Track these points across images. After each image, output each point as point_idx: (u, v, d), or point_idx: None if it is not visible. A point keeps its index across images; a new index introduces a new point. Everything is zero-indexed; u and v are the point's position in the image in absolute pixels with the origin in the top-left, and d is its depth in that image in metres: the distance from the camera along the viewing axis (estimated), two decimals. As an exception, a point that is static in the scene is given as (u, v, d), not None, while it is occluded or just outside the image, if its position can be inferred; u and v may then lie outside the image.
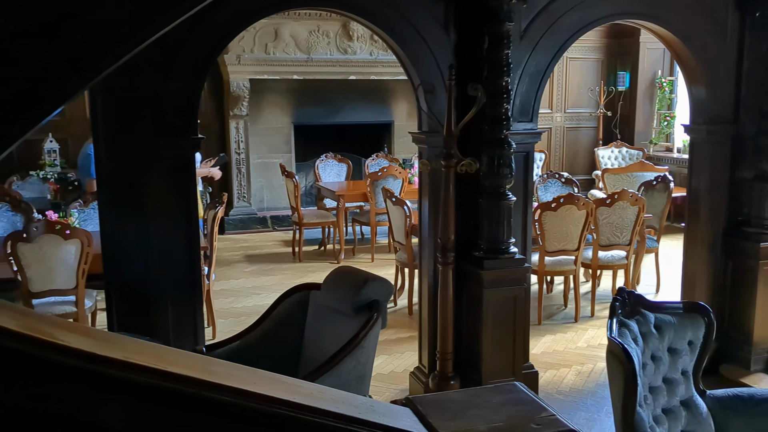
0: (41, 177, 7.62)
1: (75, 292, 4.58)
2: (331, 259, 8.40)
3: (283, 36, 9.77)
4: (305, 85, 10.28)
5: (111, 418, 1.21)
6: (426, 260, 4.44)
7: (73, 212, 5.39)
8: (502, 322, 4.18)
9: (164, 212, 3.50)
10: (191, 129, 3.52)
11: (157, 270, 3.50)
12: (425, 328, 4.51)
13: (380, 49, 10.29)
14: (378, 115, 11.08)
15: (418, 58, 4.05)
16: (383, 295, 3.38)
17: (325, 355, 3.23)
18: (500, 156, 4.00)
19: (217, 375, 1.31)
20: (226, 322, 6.11)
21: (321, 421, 1.33)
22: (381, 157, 9.77)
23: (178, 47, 3.32)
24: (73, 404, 1.17)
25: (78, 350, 1.16)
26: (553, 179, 7.72)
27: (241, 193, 10.13)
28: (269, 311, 3.73)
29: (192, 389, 1.23)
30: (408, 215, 6.37)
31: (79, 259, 4.49)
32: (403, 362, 5.37)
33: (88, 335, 1.31)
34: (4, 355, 1.10)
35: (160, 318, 3.51)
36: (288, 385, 1.50)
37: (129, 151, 3.43)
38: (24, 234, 4.35)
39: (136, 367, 1.20)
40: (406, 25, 3.96)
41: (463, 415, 1.53)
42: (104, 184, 3.52)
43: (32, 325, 1.20)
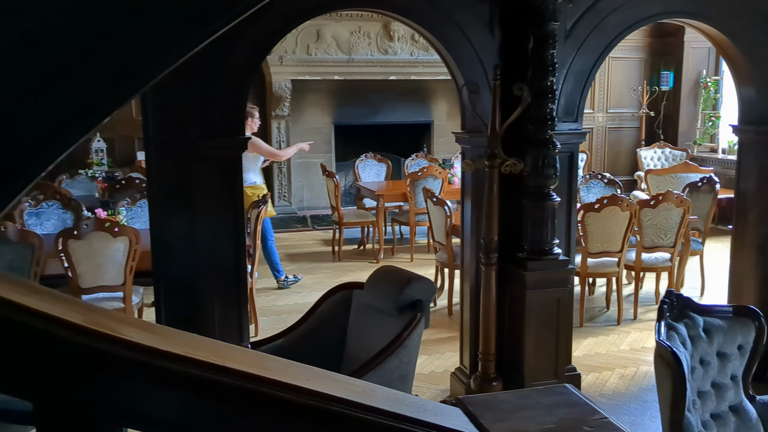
0: (89, 175, 7.80)
1: (123, 288, 4.68)
2: (371, 258, 8.42)
3: (325, 37, 9.84)
4: (346, 85, 10.33)
5: (170, 412, 1.23)
6: (468, 261, 4.43)
7: (121, 210, 5.51)
8: (545, 324, 4.16)
9: (211, 211, 3.55)
10: (238, 130, 3.57)
11: (204, 268, 3.55)
12: (467, 329, 4.50)
13: (421, 49, 10.30)
14: (418, 115, 11.08)
15: (463, 58, 4.05)
16: (426, 294, 3.39)
17: (368, 353, 3.25)
18: (545, 156, 3.97)
19: (272, 371, 1.33)
20: (267, 320, 6.17)
21: (373, 419, 1.34)
22: (420, 157, 9.77)
23: (225, 49, 3.37)
24: (134, 398, 1.20)
25: (140, 345, 1.19)
26: (595, 180, 7.63)
27: (281, 192, 10.23)
28: (313, 309, 3.76)
29: (249, 385, 1.24)
30: (448, 215, 6.36)
31: (127, 256, 4.58)
32: (444, 363, 5.37)
33: (149, 330, 1.34)
34: (71, 349, 1.13)
35: (207, 314, 3.56)
36: (340, 382, 1.52)
37: (178, 151, 3.49)
38: (74, 231, 4.46)
39: (195, 362, 1.22)
40: (451, 25, 3.96)
41: (514, 417, 1.53)
42: (154, 184, 3.59)
43: (96, 319, 1.23)
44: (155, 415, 1.22)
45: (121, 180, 7.11)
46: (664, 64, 11.80)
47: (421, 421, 1.40)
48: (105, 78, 1.40)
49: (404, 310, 3.36)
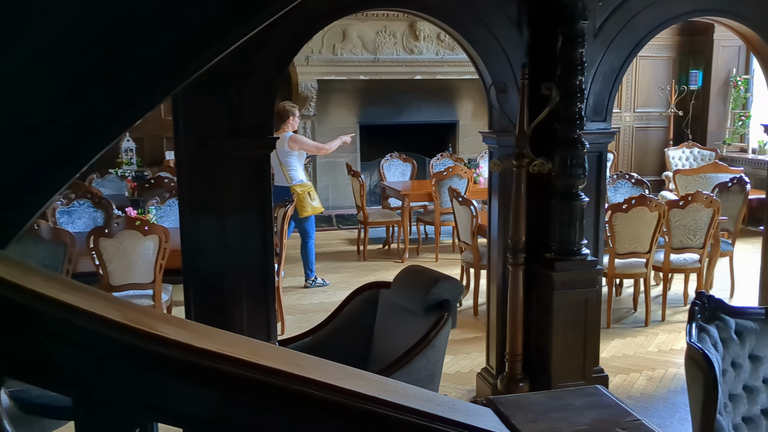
0: (119, 175, 7.90)
1: (152, 286, 4.73)
2: (395, 258, 8.43)
3: (351, 37, 9.86)
4: (371, 85, 10.35)
5: (204, 409, 1.24)
6: (495, 261, 4.41)
7: (150, 209, 5.57)
8: (573, 325, 4.13)
9: (240, 210, 3.58)
10: (266, 129, 3.59)
11: (232, 266, 3.58)
12: (493, 330, 4.49)
13: (446, 48, 10.29)
14: (443, 114, 11.07)
15: (491, 57, 4.03)
16: (454, 294, 3.38)
17: (395, 353, 3.25)
18: (573, 156, 3.95)
19: (305, 369, 1.34)
20: (293, 318, 6.20)
21: (405, 418, 1.34)
22: (446, 156, 9.75)
23: (255, 49, 3.40)
24: (169, 394, 1.21)
25: (176, 342, 1.20)
26: (623, 180, 7.57)
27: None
28: (339, 308, 3.77)
29: (283, 382, 1.25)
30: (474, 215, 6.35)
31: (157, 255, 4.63)
32: (469, 363, 5.36)
33: (184, 327, 1.36)
34: (110, 345, 1.14)
35: (235, 312, 3.59)
36: (372, 381, 1.52)
37: (207, 150, 3.52)
38: (106, 230, 4.52)
39: (230, 359, 1.23)
40: (478, 24, 3.95)
41: (546, 417, 1.53)
42: (184, 183, 3.62)
43: (134, 317, 1.25)
44: (189, 411, 1.23)
45: (150, 179, 7.20)
46: (692, 62, 11.66)
47: (453, 420, 1.40)
48: (143, 76, 1.43)
49: (431, 309, 3.36)
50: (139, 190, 6.86)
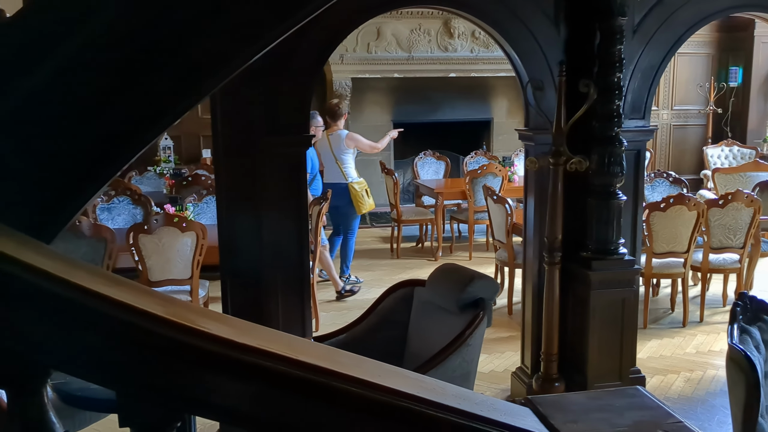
0: (157, 172, 8.02)
1: (190, 282, 4.79)
2: (429, 256, 8.41)
3: (385, 35, 9.86)
4: (405, 83, 10.34)
5: (244, 403, 1.25)
6: (530, 259, 4.38)
7: (188, 206, 5.64)
8: (610, 325, 4.09)
9: (276, 207, 3.60)
10: (302, 127, 3.61)
11: (269, 263, 3.61)
12: (528, 329, 4.46)
13: (481, 46, 10.23)
14: (477, 112, 11.01)
15: (527, 54, 4.00)
16: (489, 293, 3.37)
17: (430, 351, 3.25)
18: (611, 154, 3.90)
19: (344, 366, 1.34)
20: (327, 315, 6.23)
21: (444, 416, 1.34)
22: (480, 154, 9.71)
23: (292, 46, 3.41)
24: (210, 388, 1.23)
25: (218, 337, 1.21)
26: (660, 179, 7.46)
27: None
28: (374, 306, 3.79)
29: (322, 378, 1.26)
30: (509, 213, 6.31)
31: (194, 251, 4.69)
32: (504, 362, 5.33)
33: (225, 323, 1.37)
34: (154, 339, 1.16)
35: (271, 308, 3.62)
36: (410, 379, 1.52)
37: (244, 148, 3.55)
38: (145, 226, 4.59)
39: (270, 355, 1.24)
40: (515, 21, 3.93)
41: (586, 418, 1.51)
42: (222, 181, 3.66)
43: (176, 312, 1.26)
44: (229, 406, 1.25)
45: (187, 177, 7.29)
46: (732, 59, 11.43)
47: (492, 420, 1.39)
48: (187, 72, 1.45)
49: (466, 308, 3.36)
50: (177, 187, 6.96)
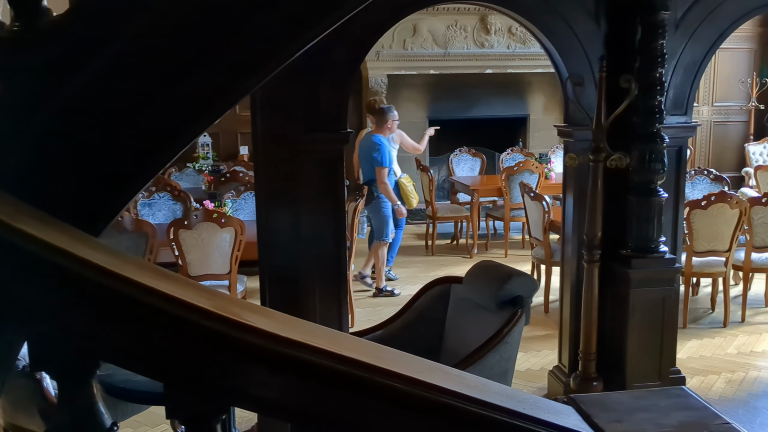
0: (196, 169, 8.12)
1: (228, 276, 4.85)
2: (464, 253, 8.38)
3: (421, 31, 9.84)
4: (441, 79, 10.30)
5: (287, 396, 1.26)
6: (569, 257, 4.34)
7: (227, 202, 5.71)
8: (649, 324, 4.03)
9: (314, 203, 3.62)
10: (341, 124, 3.62)
11: (306, 259, 3.63)
12: (566, 327, 4.42)
13: (518, 42, 10.16)
14: (513, 109, 10.93)
15: (567, 50, 3.96)
16: (527, 291, 3.35)
17: (467, 348, 3.24)
18: (652, 150, 3.84)
19: (386, 361, 1.34)
20: (362, 311, 6.25)
21: (486, 413, 1.33)
22: (516, 151, 9.64)
23: (331, 42, 3.42)
24: (255, 381, 1.24)
25: (263, 330, 1.22)
26: (701, 176, 7.33)
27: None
28: (411, 303, 3.78)
29: (365, 374, 1.26)
30: (546, 210, 6.25)
31: (233, 246, 4.74)
32: (540, 360, 5.29)
33: (269, 316, 1.38)
34: (200, 332, 1.17)
35: (309, 304, 3.64)
36: (452, 375, 1.52)
37: (282, 145, 3.57)
38: (185, 221, 4.66)
39: (314, 349, 1.24)
40: (555, 16, 3.89)
41: (630, 418, 1.49)
42: (261, 177, 3.69)
43: (222, 305, 1.27)
44: (271, 398, 1.26)
45: (225, 173, 7.37)
46: (776, 54, 11.19)
47: (535, 418, 1.38)
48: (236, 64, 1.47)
49: (504, 305, 3.34)
50: (215, 183, 7.04)
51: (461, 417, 1.32)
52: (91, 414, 1.23)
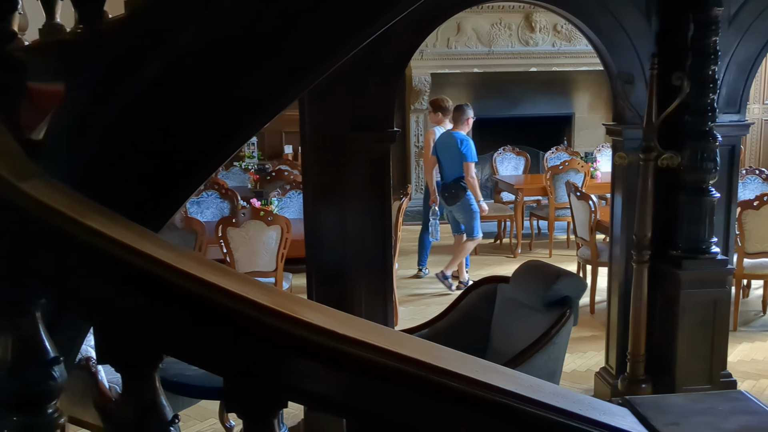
0: (242, 167, 8.23)
1: (274, 274, 4.90)
2: (507, 253, 8.32)
3: (465, 30, 9.80)
4: (485, 78, 10.25)
5: (343, 393, 1.27)
6: (617, 257, 4.28)
7: (273, 200, 5.77)
8: (700, 326, 3.95)
9: (360, 203, 3.64)
10: (387, 122, 3.63)
11: (352, 257, 3.65)
12: (614, 328, 4.36)
13: (563, 40, 10.05)
14: (558, 107, 10.82)
15: (617, 47, 3.91)
16: (576, 291, 3.32)
17: (514, 348, 3.23)
18: (704, 149, 3.77)
19: (443, 360, 1.34)
20: (406, 310, 6.25)
21: (541, 413, 1.32)
22: (561, 150, 9.54)
23: (379, 41, 3.43)
24: (312, 377, 1.25)
25: (321, 327, 1.23)
26: (752, 175, 7.16)
27: (419, 185, 10.29)
28: (456, 302, 3.78)
29: (421, 372, 1.26)
30: (593, 210, 6.17)
31: (279, 244, 4.80)
32: (586, 362, 5.23)
33: (324, 313, 1.40)
34: (259, 328, 1.19)
35: (354, 302, 3.66)
36: (507, 375, 1.51)
37: (330, 144, 3.60)
38: (233, 219, 4.73)
39: (370, 347, 1.25)
40: (605, 13, 3.84)
41: (688, 421, 1.47)
42: (308, 176, 3.72)
43: (280, 301, 1.29)
44: (327, 394, 1.27)
45: (271, 172, 7.45)
46: (832, 50, 10.84)
47: (591, 419, 1.37)
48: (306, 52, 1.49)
49: (552, 306, 3.31)
50: (261, 182, 7.13)
51: (517, 417, 1.31)
52: (153, 407, 1.25)
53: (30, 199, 1.10)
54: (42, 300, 1.18)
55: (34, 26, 2.39)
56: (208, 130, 1.63)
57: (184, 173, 1.64)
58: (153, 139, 1.60)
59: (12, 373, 1.16)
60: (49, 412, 1.21)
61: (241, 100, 1.62)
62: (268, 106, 1.65)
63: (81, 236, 1.09)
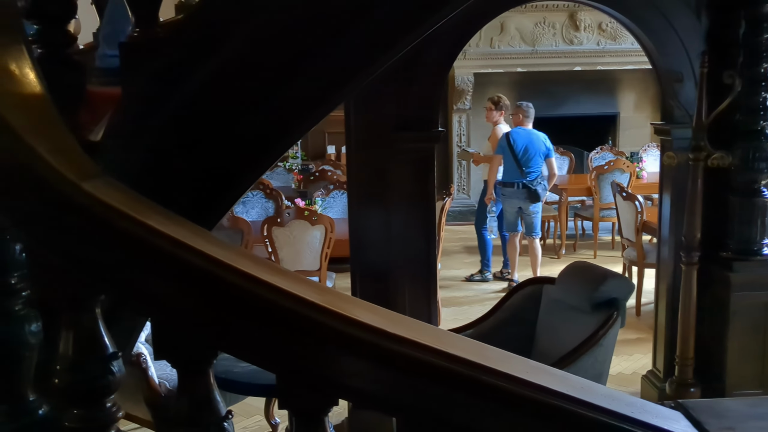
0: (286, 168, 8.32)
1: (318, 273, 4.94)
2: (551, 253, 8.25)
3: (509, 29, 9.75)
4: (528, 77, 10.17)
5: (395, 392, 1.28)
6: (665, 259, 4.21)
7: (317, 200, 5.82)
8: (752, 330, 3.86)
9: (404, 203, 3.64)
10: (432, 122, 3.63)
11: (396, 257, 3.66)
12: (661, 331, 4.30)
13: (608, 38, 9.93)
14: (603, 106, 10.69)
15: (665, 45, 3.85)
16: (623, 293, 3.28)
17: (560, 350, 3.20)
18: (756, 149, 3.69)
19: (492, 360, 1.34)
20: (449, 311, 6.24)
21: (593, 416, 1.31)
22: (606, 150, 9.42)
23: (425, 41, 3.43)
24: (363, 375, 1.26)
25: (372, 326, 1.24)
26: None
27: (461, 185, 10.26)
28: (501, 302, 3.76)
29: (472, 372, 1.26)
30: (639, 211, 6.08)
31: (323, 243, 4.84)
32: (632, 365, 5.16)
33: (374, 312, 1.40)
34: (312, 325, 1.20)
35: (398, 302, 3.66)
36: (557, 376, 1.50)
37: (375, 144, 3.61)
38: (278, 219, 4.79)
39: (421, 346, 1.25)
40: (653, 11, 3.78)
41: (744, 427, 1.44)
42: (353, 176, 3.75)
43: (332, 300, 1.30)
44: (378, 393, 1.28)
45: (314, 172, 7.52)
46: None
47: (644, 422, 1.35)
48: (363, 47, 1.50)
49: (599, 307, 3.28)
50: (305, 182, 7.20)
51: (569, 419, 1.30)
52: (208, 402, 1.28)
53: (92, 198, 1.13)
54: (102, 297, 1.21)
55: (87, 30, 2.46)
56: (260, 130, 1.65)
57: (234, 174, 1.66)
58: (204, 140, 1.62)
59: (73, 368, 1.19)
60: (107, 406, 1.24)
61: (292, 99, 1.64)
62: (317, 106, 1.66)
63: (142, 235, 1.12)
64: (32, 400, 1.37)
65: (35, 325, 1.35)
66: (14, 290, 1.33)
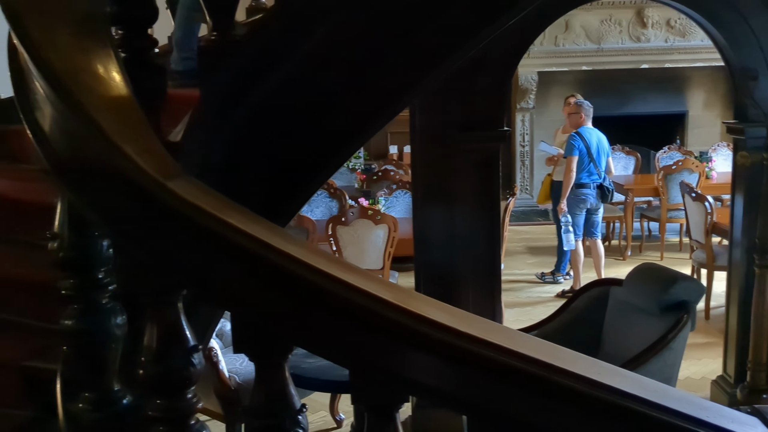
0: (349, 167, 8.39)
1: (381, 272, 4.97)
2: (616, 255, 8.09)
3: (574, 27, 9.60)
4: (593, 75, 10.00)
5: (466, 391, 1.29)
6: (737, 262, 4.09)
7: (380, 199, 5.86)
8: (829, 336, 3.73)
9: (469, 203, 3.64)
10: (497, 121, 3.61)
11: (460, 257, 3.65)
12: (732, 335, 4.18)
13: (676, 35, 9.68)
14: (670, 105, 10.42)
15: (739, 42, 3.74)
16: (694, 295, 3.21)
17: (627, 352, 3.15)
18: (836, 149, 3.55)
19: (564, 361, 1.34)
20: (512, 311, 6.19)
21: (668, 419, 1.29)
22: (673, 149, 9.19)
23: (489, 41, 3.42)
24: (434, 373, 1.28)
25: (442, 324, 1.25)
26: None
27: (524, 185, 10.16)
28: (567, 304, 3.73)
29: (543, 372, 1.26)
30: (709, 212, 5.92)
31: (386, 242, 4.87)
32: (701, 369, 5.03)
33: (444, 310, 1.41)
34: (383, 322, 1.22)
35: (462, 302, 3.66)
36: (630, 379, 1.48)
37: (439, 144, 3.61)
38: (342, 218, 4.84)
39: (493, 346, 1.26)
40: (726, 6, 3.68)
41: (825, 433, 1.40)
42: (418, 175, 3.76)
43: (403, 298, 1.32)
44: (448, 391, 1.29)
45: (377, 171, 7.56)
46: None
47: (720, 427, 1.33)
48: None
49: (668, 310, 3.21)
50: (368, 181, 7.25)
51: (642, 422, 1.29)
52: (283, 395, 1.31)
53: (176, 197, 1.17)
54: (184, 292, 1.25)
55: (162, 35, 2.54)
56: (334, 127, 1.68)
57: (306, 174, 1.70)
58: (278, 140, 1.67)
59: (157, 360, 1.24)
60: (188, 397, 1.28)
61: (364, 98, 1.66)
62: (390, 105, 1.69)
63: (224, 232, 1.16)
64: (117, 390, 1.43)
65: (120, 317, 1.41)
66: (101, 284, 1.40)
